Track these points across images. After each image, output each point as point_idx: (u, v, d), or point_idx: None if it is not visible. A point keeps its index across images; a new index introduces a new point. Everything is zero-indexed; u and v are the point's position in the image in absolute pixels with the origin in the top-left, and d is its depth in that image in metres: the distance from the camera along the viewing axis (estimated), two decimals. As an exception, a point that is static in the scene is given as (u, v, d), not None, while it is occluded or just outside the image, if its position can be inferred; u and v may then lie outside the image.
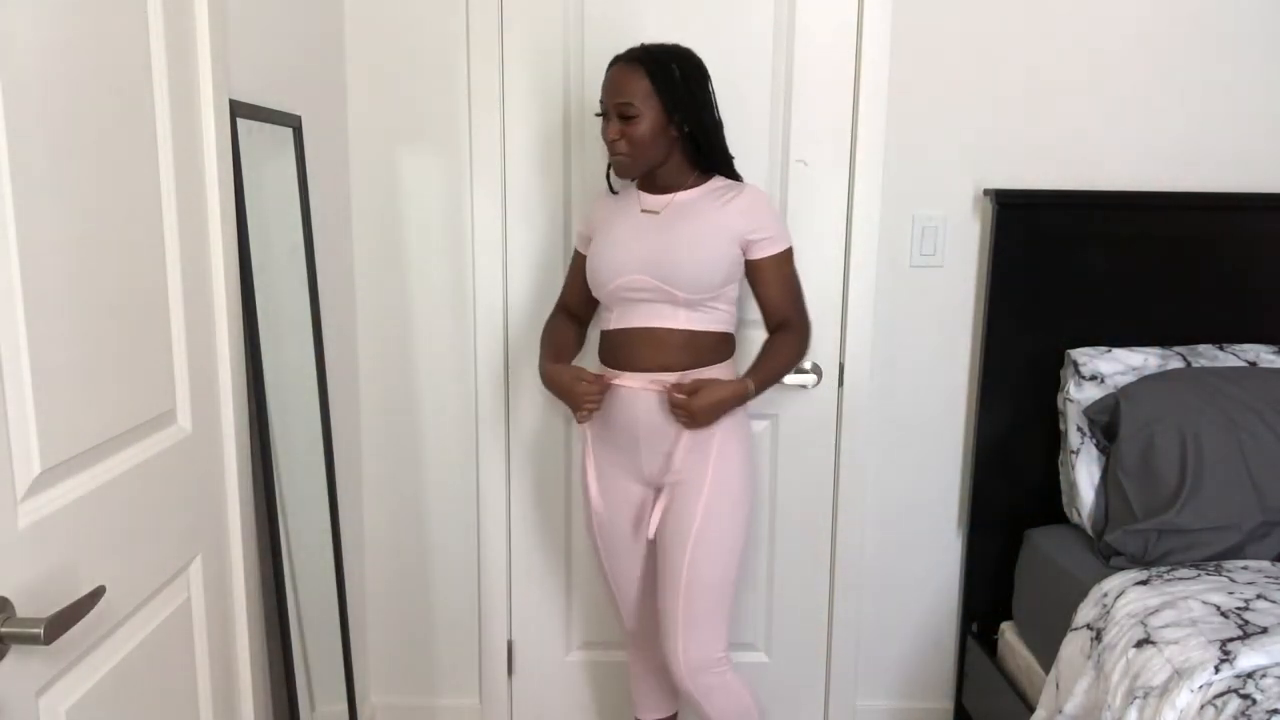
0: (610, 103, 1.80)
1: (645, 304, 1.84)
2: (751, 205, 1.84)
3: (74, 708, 1.08)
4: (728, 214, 1.83)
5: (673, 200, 1.85)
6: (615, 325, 1.88)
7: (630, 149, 1.79)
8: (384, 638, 2.47)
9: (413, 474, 2.39)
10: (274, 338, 1.74)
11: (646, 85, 1.77)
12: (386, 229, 2.29)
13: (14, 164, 0.96)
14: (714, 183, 1.87)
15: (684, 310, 1.82)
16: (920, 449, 2.38)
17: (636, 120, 1.77)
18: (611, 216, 1.91)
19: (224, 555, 1.48)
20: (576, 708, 2.50)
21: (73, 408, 1.07)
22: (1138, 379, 2.11)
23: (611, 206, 1.93)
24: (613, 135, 1.79)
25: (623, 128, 1.78)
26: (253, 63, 1.68)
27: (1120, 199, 2.22)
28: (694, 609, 1.85)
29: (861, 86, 2.19)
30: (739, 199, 1.84)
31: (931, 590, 2.45)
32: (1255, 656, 1.50)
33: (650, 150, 1.80)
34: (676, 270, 1.79)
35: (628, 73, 1.78)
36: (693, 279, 1.79)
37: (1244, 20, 2.20)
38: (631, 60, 1.80)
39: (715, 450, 1.85)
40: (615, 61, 1.82)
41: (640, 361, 1.85)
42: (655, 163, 1.83)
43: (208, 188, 1.40)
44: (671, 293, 1.80)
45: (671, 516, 1.86)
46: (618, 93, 1.78)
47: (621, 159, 1.81)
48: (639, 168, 1.83)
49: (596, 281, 1.89)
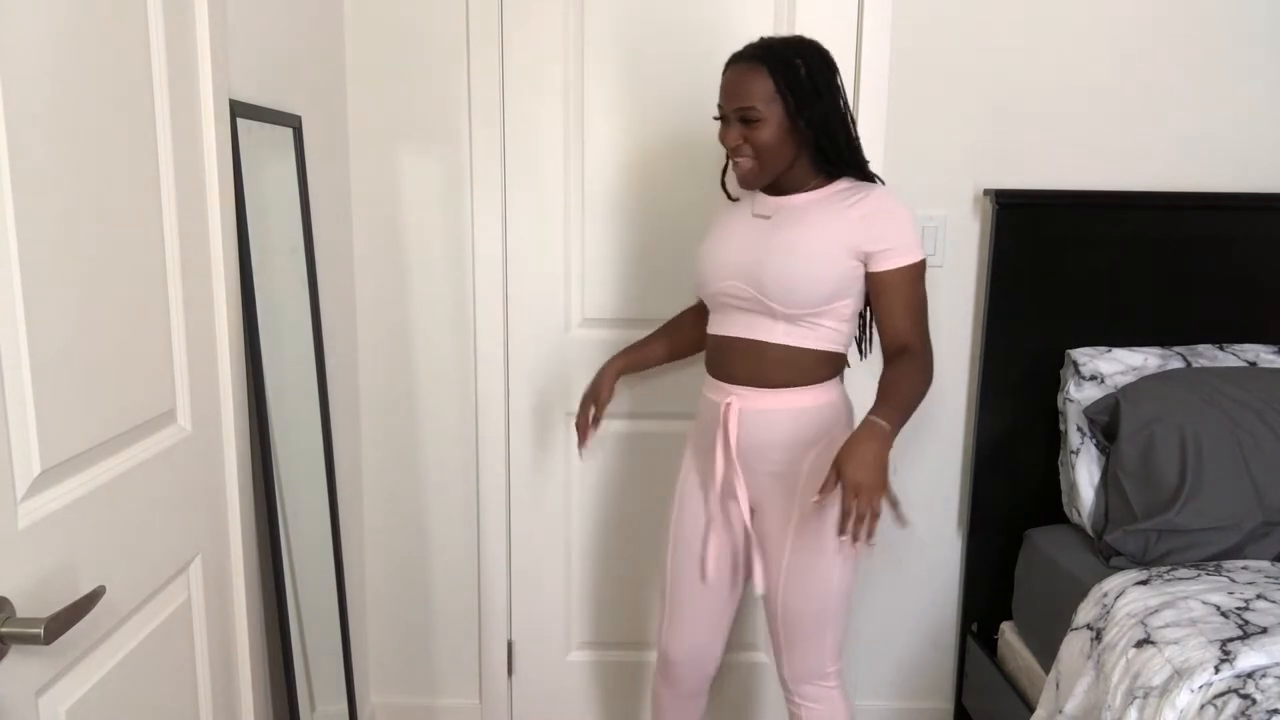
0: (730, 107, 1.65)
1: (742, 312, 1.72)
2: (874, 211, 1.65)
3: (74, 708, 1.08)
4: (844, 221, 1.65)
5: (785, 204, 1.71)
6: (714, 330, 1.79)
7: (755, 156, 1.65)
8: (384, 638, 2.47)
9: (413, 474, 2.39)
10: (274, 338, 1.73)
11: (769, 86, 1.61)
12: (386, 229, 2.29)
13: (14, 164, 0.96)
14: (839, 184, 1.70)
15: (783, 324, 1.69)
16: (920, 449, 2.38)
17: (760, 125, 1.62)
18: (726, 217, 1.80)
19: (224, 555, 1.48)
20: (576, 708, 2.50)
21: (73, 408, 1.07)
22: (1138, 379, 2.11)
23: (731, 207, 1.82)
24: (735, 141, 1.65)
25: (745, 132, 1.64)
26: (253, 63, 1.68)
27: (1120, 199, 2.22)
28: (793, 635, 1.78)
29: (861, 86, 2.19)
30: (861, 204, 1.66)
31: (931, 590, 2.45)
32: (1255, 656, 1.50)
33: (777, 156, 1.65)
34: (772, 282, 1.65)
35: (748, 73, 1.63)
36: (789, 292, 1.65)
37: (1245, 20, 2.20)
38: (752, 59, 1.64)
39: (806, 472, 1.72)
40: (734, 60, 1.66)
41: (732, 372, 1.75)
42: (782, 168, 1.68)
43: (208, 188, 1.40)
44: (769, 305, 1.67)
45: (761, 541, 1.78)
46: (738, 96, 1.63)
47: (746, 166, 1.67)
48: (766, 175, 1.68)
49: (698, 282, 1.80)
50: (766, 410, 1.72)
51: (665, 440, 2.31)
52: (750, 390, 1.73)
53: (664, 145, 2.25)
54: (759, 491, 1.77)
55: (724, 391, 1.76)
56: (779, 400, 1.72)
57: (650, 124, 2.24)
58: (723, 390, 1.76)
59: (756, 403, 1.73)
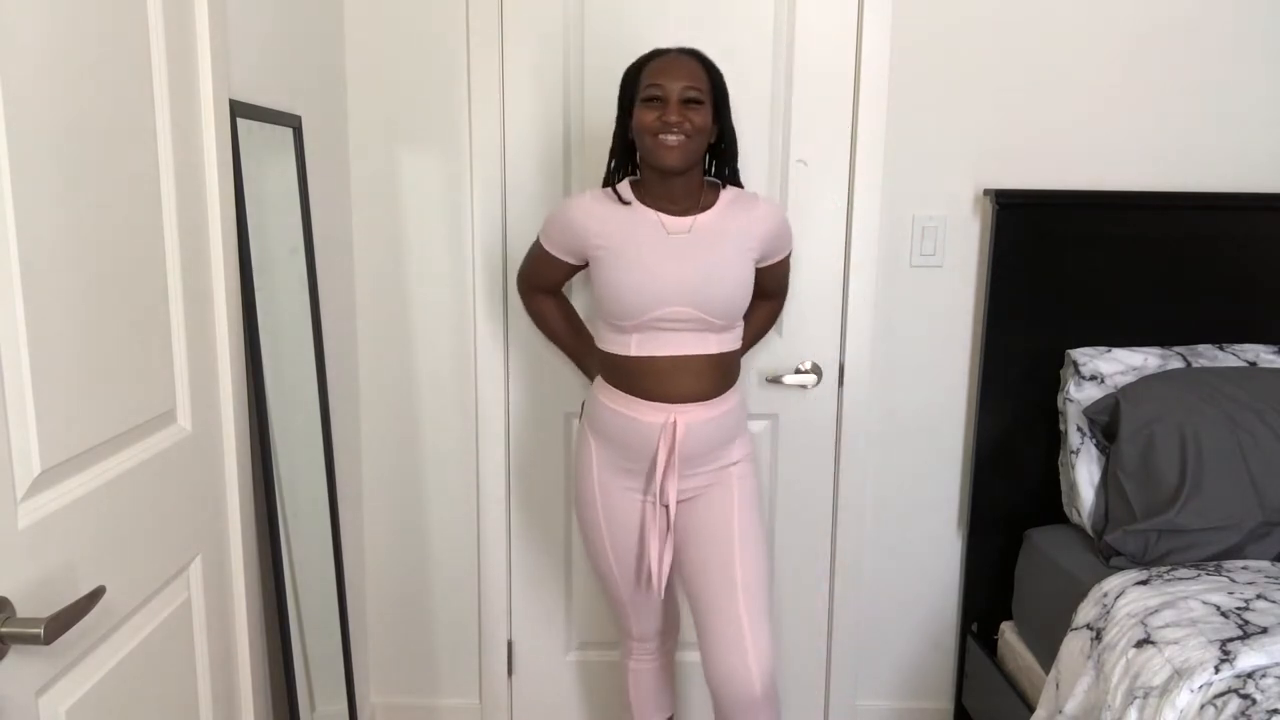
0: (675, 85, 1.71)
1: (678, 333, 1.77)
2: (776, 224, 1.86)
3: (74, 708, 1.08)
4: (752, 233, 1.81)
5: (695, 222, 1.79)
6: (636, 352, 1.78)
7: (692, 133, 1.71)
8: (384, 638, 2.47)
9: (413, 474, 2.39)
10: (274, 338, 1.73)
11: (707, 79, 1.74)
12: (386, 229, 2.29)
13: (14, 164, 0.96)
14: (725, 195, 1.83)
15: (714, 335, 1.79)
16: (920, 449, 2.38)
17: (700, 108, 1.72)
18: (630, 235, 1.78)
19: (224, 555, 1.48)
20: (576, 708, 2.50)
21: (73, 408, 1.07)
22: (1138, 379, 2.11)
23: (623, 222, 1.80)
24: (677, 117, 1.69)
25: (686, 113, 1.70)
26: (253, 63, 1.68)
27: (1120, 199, 2.22)
28: (754, 606, 1.79)
29: (861, 87, 2.19)
30: (760, 217, 1.83)
31: (931, 590, 2.45)
32: (1255, 656, 1.50)
33: (700, 145, 1.75)
34: (719, 300, 1.76)
35: (689, 63, 1.74)
36: (731, 307, 1.78)
37: (1244, 20, 2.20)
38: (689, 54, 1.76)
39: (736, 454, 1.86)
40: (664, 52, 1.77)
41: (675, 392, 1.78)
42: (696, 159, 1.76)
43: (208, 188, 1.40)
44: (710, 320, 1.77)
45: (704, 518, 1.83)
46: (687, 77, 1.72)
47: (677, 144, 1.70)
48: (689, 158, 1.73)
49: (625, 309, 1.76)
50: (711, 419, 1.80)
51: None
52: (694, 405, 1.78)
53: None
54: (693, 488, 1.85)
55: (663, 411, 1.78)
56: (718, 406, 1.81)
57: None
58: (662, 410, 1.78)
59: (702, 414, 1.79)
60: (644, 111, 1.73)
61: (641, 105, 1.73)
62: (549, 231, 1.89)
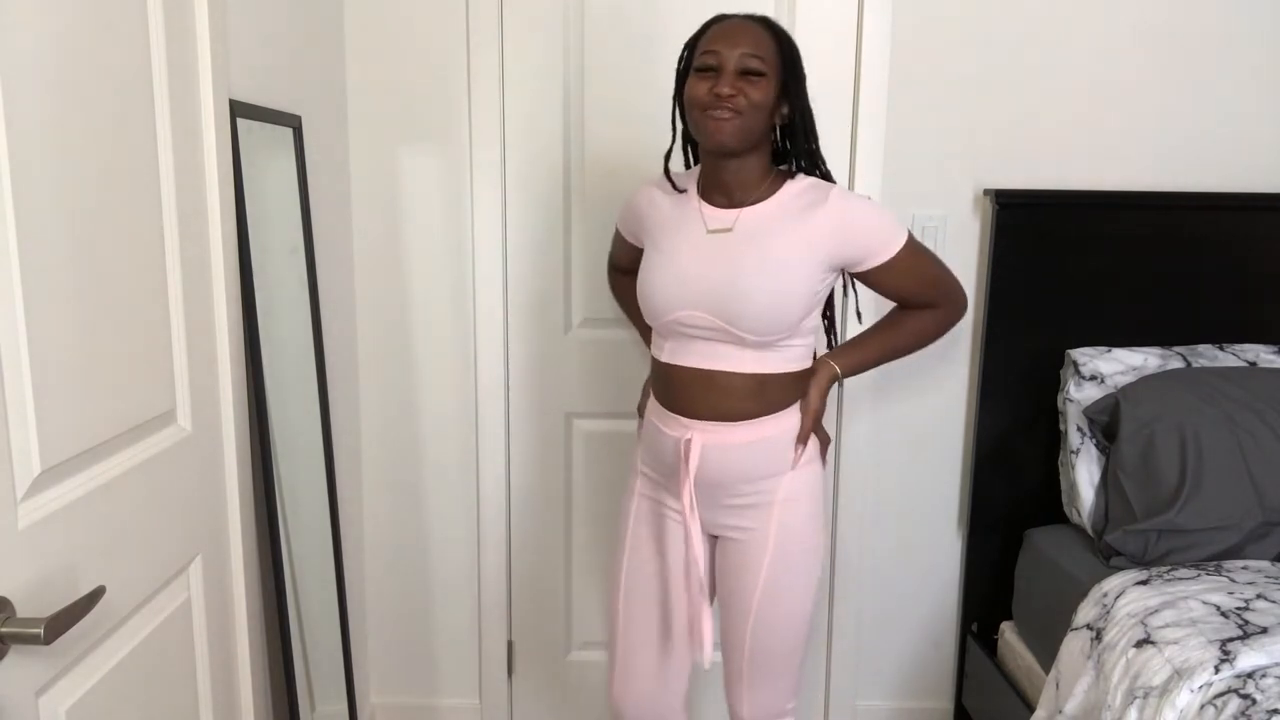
0: (733, 53, 1.47)
1: (702, 341, 1.56)
2: (841, 223, 1.53)
3: (74, 708, 1.08)
4: (812, 235, 1.52)
5: (741, 217, 1.55)
6: (668, 359, 1.60)
7: (747, 110, 1.48)
8: (384, 638, 2.47)
9: (413, 474, 2.39)
10: (274, 338, 1.73)
11: (774, 48, 1.50)
12: (386, 229, 2.28)
13: (14, 164, 0.96)
14: (792, 187, 1.57)
15: (751, 352, 1.54)
16: (920, 449, 2.38)
17: (760, 81, 1.48)
18: (670, 226, 1.61)
19: (224, 555, 1.48)
20: (576, 708, 2.50)
21: (73, 408, 1.07)
22: (1138, 379, 2.11)
23: (670, 210, 1.63)
24: (730, 90, 1.46)
25: (742, 85, 1.47)
26: (253, 63, 1.68)
27: (1120, 199, 2.22)
28: (760, 674, 1.65)
29: (861, 86, 2.19)
30: (826, 215, 1.53)
31: (931, 590, 2.45)
32: (1255, 656, 1.50)
33: (759, 123, 1.50)
34: (743, 312, 1.50)
35: (754, 29, 1.50)
36: (760, 321, 1.51)
37: (1244, 20, 2.20)
38: (756, 21, 1.52)
39: (781, 497, 1.59)
40: (728, 17, 1.53)
41: (693, 407, 1.57)
42: (754, 141, 1.52)
43: (208, 188, 1.40)
44: (737, 334, 1.52)
45: (731, 574, 1.64)
46: (747, 43, 1.48)
47: (728, 119, 1.48)
48: (743, 138, 1.50)
49: (647, 308, 1.60)
50: (736, 445, 1.57)
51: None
52: (713, 425, 1.57)
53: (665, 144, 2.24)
54: (720, 528, 1.64)
55: (680, 426, 1.59)
56: (749, 432, 1.57)
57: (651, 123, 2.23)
58: (679, 424, 1.59)
59: (722, 437, 1.57)
60: (696, 82, 1.51)
61: (695, 75, 1.52)
62: (621, 211, 1.77)
